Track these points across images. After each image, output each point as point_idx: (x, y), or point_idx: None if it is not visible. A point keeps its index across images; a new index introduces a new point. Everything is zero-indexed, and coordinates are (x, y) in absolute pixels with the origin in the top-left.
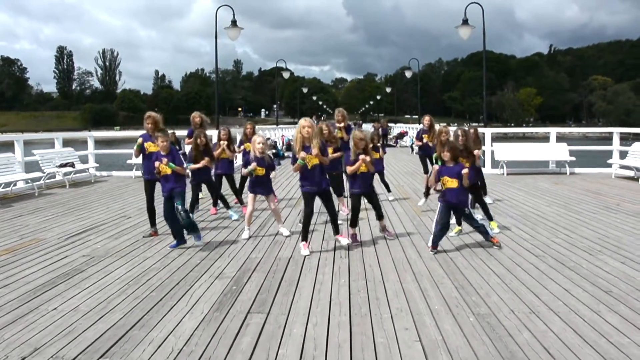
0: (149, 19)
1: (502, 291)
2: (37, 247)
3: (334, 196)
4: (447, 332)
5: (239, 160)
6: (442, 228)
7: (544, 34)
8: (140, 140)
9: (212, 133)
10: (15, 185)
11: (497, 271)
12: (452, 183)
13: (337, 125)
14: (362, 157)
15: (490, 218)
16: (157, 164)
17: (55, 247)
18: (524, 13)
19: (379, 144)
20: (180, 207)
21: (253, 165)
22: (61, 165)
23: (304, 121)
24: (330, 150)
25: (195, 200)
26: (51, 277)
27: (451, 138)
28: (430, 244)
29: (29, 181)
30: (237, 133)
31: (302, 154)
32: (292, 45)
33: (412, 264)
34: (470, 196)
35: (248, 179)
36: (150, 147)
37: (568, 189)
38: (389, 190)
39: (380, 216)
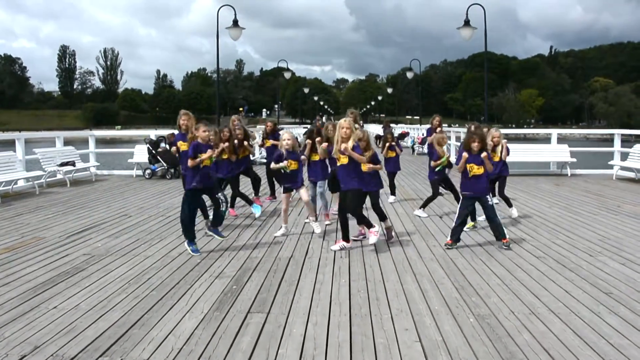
0: (148, 17)
1: (502, 292)
2: (37, 245)
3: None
4: (447, 333)
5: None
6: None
7: (547, 35)
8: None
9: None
10: (16, 183)
11: (497, 272)
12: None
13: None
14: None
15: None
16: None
17: (56, 245)
18: (527, 14)
19: (393, 143)
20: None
21: (284, 163)
22: (62, 164)
23: (343, 122)
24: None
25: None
26: (51, 275)
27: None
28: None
29: (30, 180)
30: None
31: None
32: (294, 45)
33: (413, 264)
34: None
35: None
36: (182, 146)
37: (569, 190)
38: (392, 193)
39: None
